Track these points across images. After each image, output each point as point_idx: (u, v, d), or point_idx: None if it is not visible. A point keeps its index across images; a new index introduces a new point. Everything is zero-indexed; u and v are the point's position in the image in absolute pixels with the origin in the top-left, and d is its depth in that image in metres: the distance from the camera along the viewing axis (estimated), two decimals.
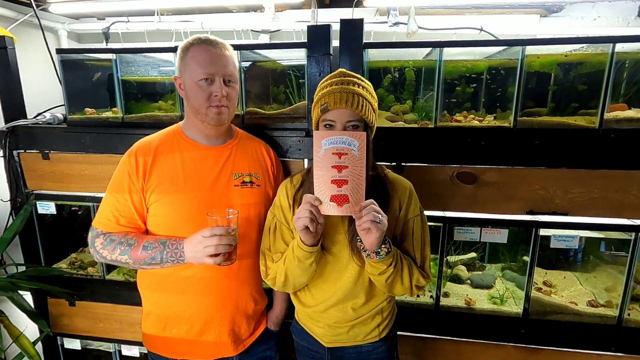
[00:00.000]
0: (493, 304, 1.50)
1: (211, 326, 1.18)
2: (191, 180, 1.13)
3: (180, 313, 1.18)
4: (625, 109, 1.29)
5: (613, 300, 1.44)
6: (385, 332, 1.14)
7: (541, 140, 1.29)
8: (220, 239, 0.99)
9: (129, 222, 1.14)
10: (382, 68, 1.41)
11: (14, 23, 1.97)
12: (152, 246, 1.09)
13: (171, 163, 1.14)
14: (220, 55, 1.09)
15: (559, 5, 1.95)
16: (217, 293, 1.17)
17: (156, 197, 1.12)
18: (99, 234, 1.15)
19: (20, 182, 1.65)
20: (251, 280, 1.22)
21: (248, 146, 1.25)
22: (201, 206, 1.11)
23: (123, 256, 1.10)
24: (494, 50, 1.40)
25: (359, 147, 0.89)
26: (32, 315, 1.63)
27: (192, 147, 1.16)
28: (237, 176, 1.19)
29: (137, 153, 1.13)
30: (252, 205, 1.19)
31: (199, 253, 1.02)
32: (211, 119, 1.10)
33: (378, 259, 0.93)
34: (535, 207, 1.35)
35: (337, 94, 0.93)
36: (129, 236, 1.12)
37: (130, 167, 1.12)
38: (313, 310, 1.12)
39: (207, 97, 1.07)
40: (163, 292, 1.19)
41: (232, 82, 1.12)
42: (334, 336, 1.12)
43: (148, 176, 1.12)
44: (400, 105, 1.43)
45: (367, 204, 0.88)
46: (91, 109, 1.64)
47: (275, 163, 1.29)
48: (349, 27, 1.32)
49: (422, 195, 1.37)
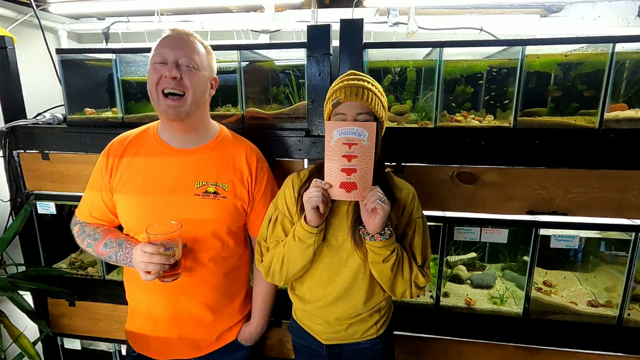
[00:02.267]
0: (493, 304, 1.50)
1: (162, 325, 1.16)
2: (149, 184, 1.09)
3: (138, 307, 1.20)
4: (625, 109, 1.29)
5: (613, 300, 1.44)
6: (382, 329, 1.15)
7: (541, 140, 1.28)
8: (150, 257, 0.96)
9: (102, 216, 1.17)
10: (382, 68, 1.41)
11: (14, 23, 1.97)
12: (110, 245, 1.11)
13: (136, 163, 1.11)
14: (178, 38, 1.04)
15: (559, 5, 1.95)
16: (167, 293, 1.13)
17: (118, 198, 1.12)
18: (76, 222, 1.21)
19: (20, 182, 1.65)
20: (205, 292, 1.16)
21: (225, 151, 1.15)
22: (156, 212, 1.08)
23: (89, 248, 1.15)
24: (494, 50, 1.40)
25: (368, 137, 0.93)
26: (32, 315, 1.62)
27: (160, 148, 1.12)
28: (201, 184, 1.10)
29: (110, 150, 1.14)
30: (211, 220, 1.11)
31: (138, 267, 1.01)
32: (163, 110, 1.04)
33: (382, 239, 0.96)
34: (535, 207, 1.35)
35: (348, 88, 0.98)
36: (98, 230, 1.16)
37: (102, 164, 1.14)
38: (312, 306, 1.13)
39: (157, 79, 1.02)
40: (129, 283, 1.21)
41: (192, 68, 1.04)
42: (333, 333, 1.13)
43: (113, 175, 1.12)
44: (400, 105, 1.43)
45: (372, 189, 0.94)
46: (91, 109, 1.64)
47: (254, 173, 1.17)
48: (349, 27, 1.32)
49: (422, 195, 1.37)
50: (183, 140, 1.12)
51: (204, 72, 1.07)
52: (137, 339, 1.22)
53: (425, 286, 1.08)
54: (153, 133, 1.15)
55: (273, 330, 1.60)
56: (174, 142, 1.12)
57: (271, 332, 1.61)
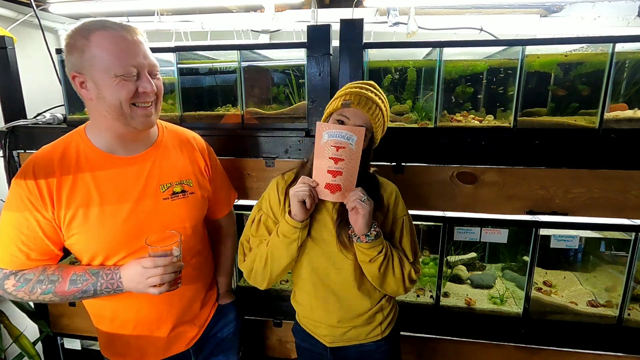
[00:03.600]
0: (493, 304, 1.50)
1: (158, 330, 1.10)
2: (110, 203, 0.96)
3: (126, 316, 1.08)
4: (625, 109, 1.29)
5: (613, 300, 1.45)
6: (387, 330, 1.14)
7: (541, 140, 1.28)
8: (164, 269, 0.91)
9: (43, 255, 0.96)
10: (382, 68, 1.41)
11: (14, 23, 1.97)
12: (81, 279, 0.95)
13: (81, 181, 0.94)
14: (136, 42, 0.90)
15: (559, 5, 1.95)
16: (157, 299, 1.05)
17: (74, 227, 0.94)
18: (7, 274, 0.94)
19: None
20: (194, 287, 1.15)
21: (175, 146, 1.09)
22: (127, 229, 0.97)
23: (46, 295, 0.94)
24: (494, 50, 1.40)
25: (356, 141, 0.95)
26: (32, 315, 1.63)
27: (105, 160, 0.97)
28: (166, 187, 1.03)
29: (37, 173, 0.92)
30: (187, 219, 1.07)
31: (141, 285, 0.93)
32: (139, 122, 0.94)
33: (367, 240, 0.97)
34: (535, 207, 1.35)
35: (364, 97, 0.99)
36: (48, 271, 0.95)
37: (30, 193, 0.91)
38: (312, 311, 1.13)
39: (131, 94, 0.90)
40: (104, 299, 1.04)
41: (158, 74, 0.96)
42: (337, 336, 1.12)
43: (57, 201, 0.92)
44: (400, 105, 1.43)
45: (355, 190, 0.97)
46: None
47: (209, 161, 1.15)
48: (349, 27, 1.32)
49: (422, 195, 1.38)
50: (132, 147, 1.01)
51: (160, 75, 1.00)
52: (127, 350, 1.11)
53: (417, 280, 1.10)
54: (85, 145, 0.97)
55: (273, 330, 1.60)
56: (121, 152, 0.99)
57: (271, 332, 1.61)
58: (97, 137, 0.98)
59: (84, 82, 0.91)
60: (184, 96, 1.51)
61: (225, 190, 1.27)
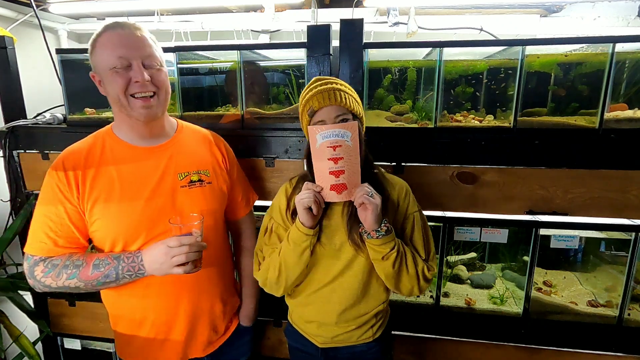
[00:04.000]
0: (493, 304, 1.50)
1: (177, 329, 1.11)
2: (130, 189, 1.01)
3: (141, 316, 1.10)
4: (625, 109, 1.29)
5: (613, 300, 1.45)
6: (379, 332, 1.14)
7: (541, 140, 1.28)
8: (190, 248, 0.94)
9: (70, 242, 1.02)
10: (382, 68, 1.41)
11: (14, 23, 1.97)
12: (104, 263, 0.98)
13: (105, 172, 1.01)
14: (131, 35, 0.96)
15: (559, 5, 1.95)
16: (174, 296, 1.09)
17: (96, 212, 1.00)
18: (37, 261, 1.00)
19: (20, 182, 1.65)
20: (215, 283, 1.16)
21: (193, 140, 1.14)
22: (148, 215, 1.02)
23: (71, 280, 0.98)
24: (494, 50, 1.40)
25: (351, 137, 0.94)
26: (32, 315, 1.63)
27: (127, 150, 1.04)
28: (183, 176, 1.07)
29: (66, 165, 1.00)
30: (205, 208, 1.09)
31: (166, 264, 0.94)
32: (138, 113, 0.98)
33: (378, 236, 0.96)
34: (535, 207, 1.35)
35: (319, 94, 0.97)
36: (74, 257, 1.00)
37: (60, 182, 0.99)
38: (308, 310, 1.12)
39: (124, 85, 0.95)
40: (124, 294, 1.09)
41: (156, 65, 0.99)
42: (329, 337, 1.12)
43: (82, 189, 0.99)
44: (400, 105, 1.43)
45: (360, 185, 0.95)
46: (91, 109, 1.64)
47: (227, 155, 1.19)
48: (349, 27, 1.32)
49: (422, 195, 1.38)
50: (150, 139, 1.07)
51: (165, 67, 1.04)
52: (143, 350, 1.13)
53: (432, 279, 1.08)
54: (110, 136, 1.06)
55: (273, 330, 1.60)
56: (142, 143, 1.06)
57: (271, 332, 1.61)
58: (119, 131, 1.07)
59: (100, 80, 1.00)
60: (184, 96, 1.52)
61: (243, 187, 1.27)
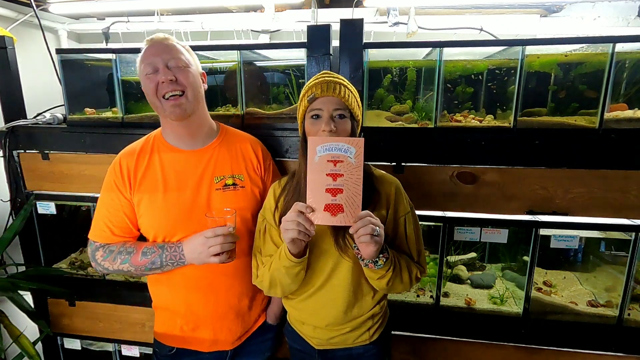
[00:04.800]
0: (493, 304, 1.50)
1: (205, 323, 1.20)
2: (171, 188, 1.12)
3: (176, 308, 1.20)
4: (625, 109, 1.29)
5: (613, 300, 1.44)
6: (376, 335, 1.13)
7: (541, 140, 1.28)
8: (224, 238, 1.01)
9: (124, 232, 1.15)
10: (382, 68, 1.41)
11: (14, 23, 1.97)
12: (150, 251, 1.10)
13: (152, 168, 1.13)
14: (159, 44, 1.07)
15: (559, 5, 1.95)
16: (206, 290, 1.17)
17: (142, 206, 1.12)
18: (97, 247, 1.15)
19: (20, 182, 1.65)
20: (242, 279, 1.21)
21: (232, 145, 1.21)
22: (186, 213, 1.12)
23: (124, 265, 1.11)
24: (494, 50, 1.40)
25: (355, 154, 0.86)
26: (32, 315, 1.63)
27: (171, 151, 1.15)
28: (219, 179, 1.16)
29: (121, 161, 1.14)
30: (237, 209, 1.13)
31: (203, 254, 1.03)
32: (170, 112, 1.07)
33: (376, 268, 0.93)
34: (535, 207, 1.35)
35: (324, 84, 0.96)
36: (127, 245, 1.14)
37: (116, 176, 1.13)
38: (303, 313, 1.12)
39: (154, 88, 1.05)
40: (161, 285, 1.21)
41: (181, 66, 1.07)
42: (324, 340, 1.11)
43: (133, 182, 1.12)
44: (400, 105, 1.43)
45: (364, 216, 0.85)
46: (91, 109, 1.64)
47: (262, 161, 1.24)
48: (349, 27, 1.32)
49: (422, 195, 1.38)
50: (191, 143, 1.16)
51: (193, 68, 1.11)
52: (175, 337, 1.23)
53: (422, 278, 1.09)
54: (159, 140, 1.17)
55: None
56: (183, 145, 1.16)
57: None
58: (165, 134, 1.17)
59: None
60: None
61: None
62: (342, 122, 0.96)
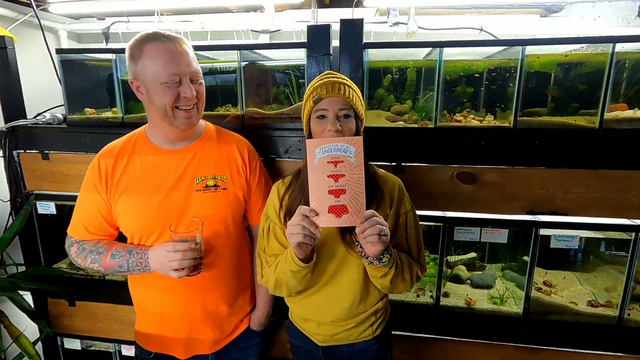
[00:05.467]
0: (493, 304, 1.50)
1: (181, 326, 1.18)
2: (149, 186, 1.10)
3: (153, 309, 1.18)
4: (625, 109, 1.29)
5: (613, 300, 1.44)
6: (378, 330, 1.14)
7: (541, 140, 1.28)
8: (183, 255, 0.99)
9: (99, 231, 1.15)
10: (382, 68, 1.41)
11: (14, 23, 1.97)
12: (119, 255, 1.09)
13: (131, 168, 1.11)
14: (181, 52, 1.02)
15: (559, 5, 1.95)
16: (183, 293, 1.15)
17: (120, 205, 1.10)
18: (73, 242, 1.16)
19: (20, 182, 1.65)
20: (221, 286, 1.19)
21: (216, 145, 1.18)
22: (163, 213, 1.09)
23: (94, 264, 1.11)
24: (494, 50, 1.40)
25: (355, 153, 0.85)
26: (32, 315, 1.63)
27: (153, 151, 1.12)
28: (200, 180, 1.12)
29: (100, 159, 1.12)
30: (215, 213, 1.13)
31: (164, 267, 1.02)
32: (181, 122, 1.05)
33: (381, 265, 0.93)
34: (535, 207, 1.35)
35: (329, 84, 0.97)
36: (99, 244, 1.13)
37: (94, 176, 1.11)
38: (306, 310, 1.12)
39: (174, 100, 1.02)
40: (139, 285, 1.19)
41: (200, 80, 1.07)
42: (328, 336, 1.12)
43: (110, 182, 1.10)
44: (400, 105, 1.43)
45: (369, 215, 0.85)
46: (91, 109, 1.64)
47: (248, 161, 1.20)
48: (349, 27, 1.32)
49: (422, 195, 1.38)
50: (177, 143, 1.13)
51: (203, 81, 1.10)
52: (152, 340, 1.21)
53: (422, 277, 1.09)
54: (142, 137, 1.14)
55: (273, 330, 1.60)
56: (166, 145, 1.13)
57: (271, 332, 1.61)
58: (151, 133, 1.14)
59: (139, 87, 1.05)
60: None
61: (262, 195, 1.24)
62: (347, 121, 0.97)
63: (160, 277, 1.09)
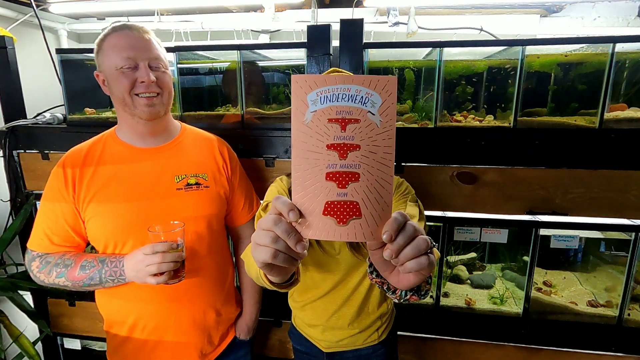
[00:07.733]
0: (493, 304, 1.50)
1: (165, 341, 1.08)
2: (125, 188, 1.01)
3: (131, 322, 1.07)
4: (625, 109, 1.29)
5: (613, 300, 1.44)
6: (384, 334, 1.13)
7: (541, 140, 1.28)
8: (163, 257, 0.90)
9: (65, 241, 1.04)
10: (382, 68, 1.41)
11: (14, 23, 1.97)
12: (90, 265, 0.99)
13: (103, 172, 1.02)
14: (139, 38, 0.98)
15: (559, 5, 1.95)
16: (166, 302, 1.06)
17: (90, 212, 1.01)
18: (34, 256, 1.04)
19: (20, 182, 1.65)
20: (210, 291, 1.13)
21: (194, 143, 1.12)
22: (141, 217, 1.00)
23: (60, 279, 1.00)
24: (494, 50, 1.40)
25: (381, 106, 0.46)
26: (32, 315, 1.62)
27: (125, 150, 1.04)
28: (180, 178, 1.06)
29: (65, 163, 1.03)
30: (200, 214, 1.07)
31: (141, 272, 0.92)
32: (141, 111, 0.99)
33: (421, 299, 0.65)
34: (535, 207, 1.35)
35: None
36: (66, 256, 1.02)
37: (59, 180, 1.01)
38: (311, 315, 1.11)
39: (130, 85, 0.96)
40: (113, 297, 1.08)
41: (161, 67, 1.01)
42: (333, 342, 1.11)
43: (78, 188, 1.01)
44: (400, 105, 1.43)
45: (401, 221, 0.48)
46: (91, 109, 1.64)
47: (229, 161, 1.15)
48: (349, 27, 1.32)
49: (422, 195, 1.37)
50: (151, 141, 1.07)
51: (169, 71, 1.05)
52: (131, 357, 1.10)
53: None
54: (112, 137, 1.07)
55: (273, 330, 1.60)
56: (141, 144, 1.06)
57: (271, 332, 1.61)
58: (121, 132, 1.07)
59: (104, 80, 1.02)
60: (184, 96, 1.52)
61: (245, 194, 1.22)
62: None
63: (140, 285, 0.99)
